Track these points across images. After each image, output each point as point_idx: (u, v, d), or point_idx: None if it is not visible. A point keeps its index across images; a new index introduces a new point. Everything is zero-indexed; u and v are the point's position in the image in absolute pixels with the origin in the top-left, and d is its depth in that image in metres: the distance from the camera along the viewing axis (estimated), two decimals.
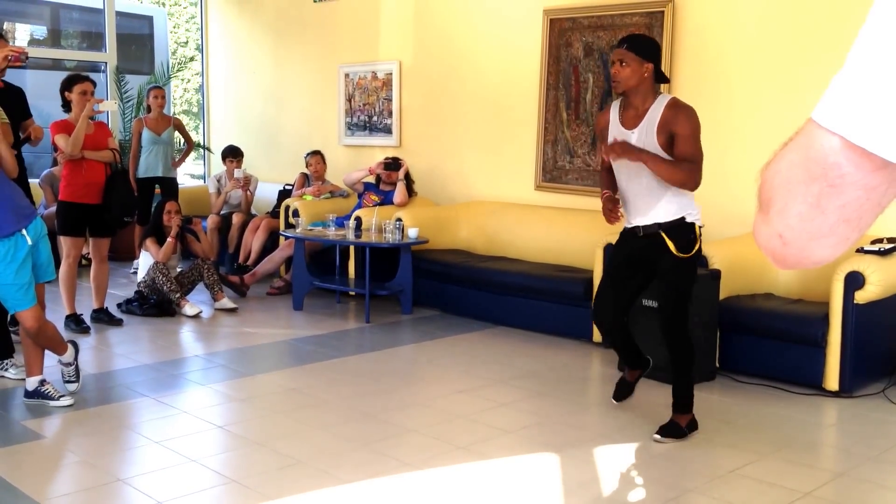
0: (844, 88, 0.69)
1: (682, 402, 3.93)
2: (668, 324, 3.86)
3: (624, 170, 3.82)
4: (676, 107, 3.71)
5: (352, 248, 6.94)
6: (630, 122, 3.77)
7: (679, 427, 3.92)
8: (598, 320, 4.15)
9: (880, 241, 4.74)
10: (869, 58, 0.68)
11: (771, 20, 5.54)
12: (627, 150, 3.66)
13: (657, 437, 3.88)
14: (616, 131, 3.81)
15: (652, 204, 3.76)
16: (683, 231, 3.75)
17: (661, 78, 3.80)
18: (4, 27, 9.97)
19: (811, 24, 5.33)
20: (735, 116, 5.70)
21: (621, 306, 4.00)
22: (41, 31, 11.25)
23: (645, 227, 3.80)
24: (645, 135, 3.71)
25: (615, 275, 4.02)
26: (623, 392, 4.30)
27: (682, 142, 3.66)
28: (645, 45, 3.75)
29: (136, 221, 7.46)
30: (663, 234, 3.74)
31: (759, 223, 0.79)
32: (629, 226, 3.88)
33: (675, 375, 3.95)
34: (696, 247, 3.78)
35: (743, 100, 5.68)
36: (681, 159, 3.67)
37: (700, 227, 3.81)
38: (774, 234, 0.76)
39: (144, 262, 6.52)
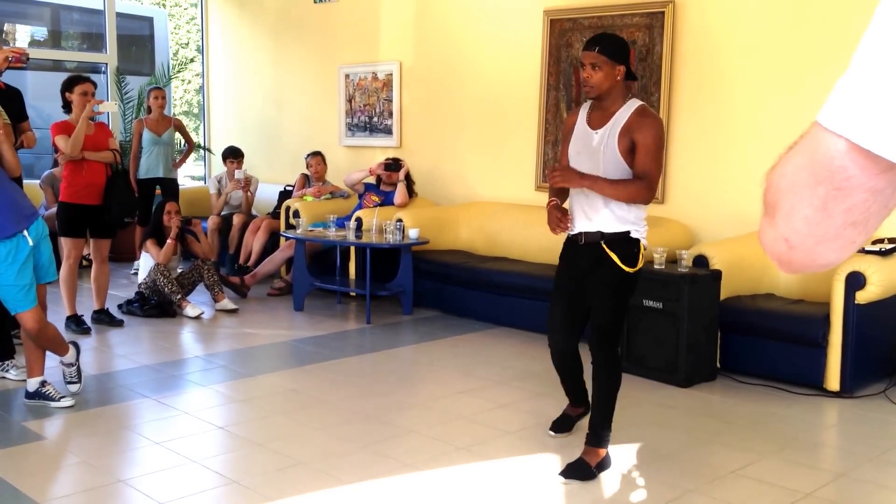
0: (850, 91, 0.69)
1: (599, 434, 3.57)
2: (600, 339, 3.56)
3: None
4: (643, 115, 3.54)
5: (352, 249, 6.94)
6: (596, 122, 3.61)
7: (587, 467, 3.52)
8: (551, 343, 3.82)
9: (881, 241, 4.74)
10: (874, 60, 0.67)
11: (772, 21, 5.54)
12: (569, 178, 3.51)
13: (561, 478, 3.50)
14: (581, 131, 3.66)
15: (598, 209, 3.54)
16: (627, 244, 3.54)
17: (630, 76, 3.63)
18: (5, 28, 9.98)
19: (812, 25, 5.33)
20: (735, 118, 5.70)
21: (570, 328, 3.74)
22: (41, 32, 11.25)
23: (587, 234, 3.58)
24: (608, 137, 3.55)
25: (562, 297, 3.73)
26: (563, 425, 4.01)
27: (641, 153, 3.48)
28: (617, 48, 3.55)
29: (136, 222, 7.45)
30: (604, 246, 3.53)
31: (764, 227, 0.78)
32: (572, 233, 3.64)
33: (595, 401, 3.62)
34: (639, 264, 3.56)
35: (743, 101, 5.68)
36: (635, 173, 3.50)
37: (644, 245, 3.58)
38: (780, 238, 0.76)
39: (145, 263, 6.52)
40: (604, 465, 3.56)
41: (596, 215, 3.55)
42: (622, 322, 3.65)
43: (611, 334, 3.58)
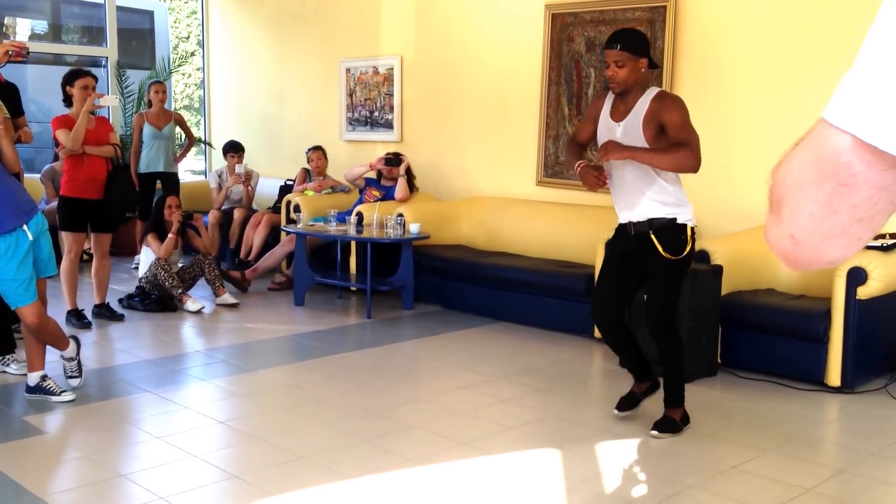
0: (855, 87, 0.68)
1: (675, 397, 3.95)
2: (657, 323, 3.84)
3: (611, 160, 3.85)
4: (662, 97, 3.72)
5: (353, 244, 6.93)
6: (618, 115, 3.80)
7: (674, 421, 3.93)
8: (594, 315, 4.07)
9: (882, 236, 4.73)
10: (879, 56, 0.67)
11: (774, 15, 5.52)
12: (615, 150, 3.66)
13: (654, 433, 3.88)
14: (604, 122, 3.86)
15: (638, 198, 3.75)
16: (674, 232, 3.73)
17: (652, 66, 3.80)
18: (5, 22, 9.97)
19: (814, 20, 5.32)
20: (737, 112, 5.69)
21: (616, 301, 3.95)
22: (42, 25, 11.23)
23: (636, 224, 3.78)
24: (630, 129, 3.72)
25: (611, 270, 3.99)
26: (629, 403, 4.15)
27: (673, 129, 3.64)
28: (637, 42, 3.73)
29: (137, 217, 7.45)
30: (653, 236, 3.73)
31: (770, 224, 0.78)
32: (621, 221, 3.87)
33: (666, 372, 3.95)
34: (688, 248, 3.75)
35: (745, 95, 5.66)
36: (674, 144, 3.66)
37: (693, 227, 3.78)
38: (786, 235, 0.76)
39: (146, 257, 6.52)
40: (685, 419, 3.95)
41: (638, 204, 3.75)
42: (677, 302, 3.89)
43: (668, 317, 3.84)
